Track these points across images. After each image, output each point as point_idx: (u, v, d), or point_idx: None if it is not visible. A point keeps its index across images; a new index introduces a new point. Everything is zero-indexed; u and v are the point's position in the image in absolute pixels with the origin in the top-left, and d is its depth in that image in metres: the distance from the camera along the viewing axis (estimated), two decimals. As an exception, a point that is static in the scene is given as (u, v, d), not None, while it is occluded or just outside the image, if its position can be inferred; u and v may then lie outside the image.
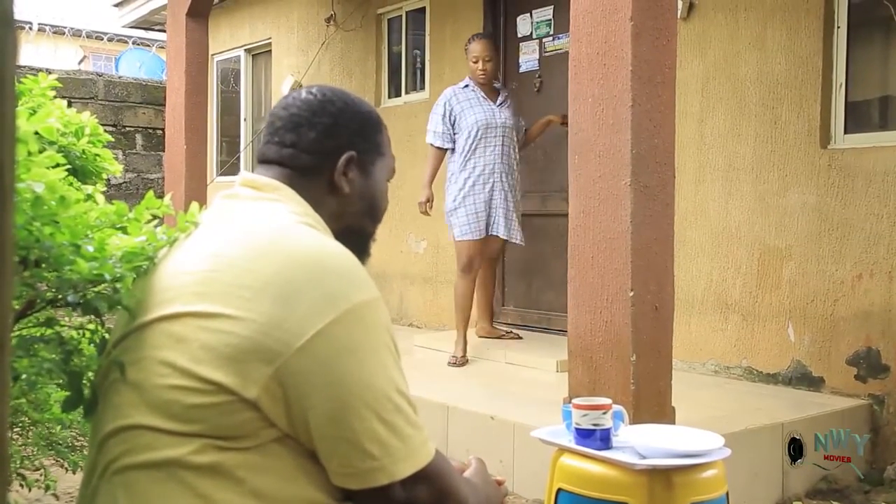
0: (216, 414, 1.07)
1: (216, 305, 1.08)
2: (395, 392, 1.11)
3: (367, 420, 1.08)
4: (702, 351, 4.16)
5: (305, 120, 1.32)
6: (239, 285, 1.09)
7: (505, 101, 4.54)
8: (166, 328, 1.10)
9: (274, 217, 1.22)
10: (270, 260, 1.11)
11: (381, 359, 1.11)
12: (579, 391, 2.60)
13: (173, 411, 1.07)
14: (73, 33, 15.95)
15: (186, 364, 1.07)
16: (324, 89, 1.37)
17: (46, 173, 1.01)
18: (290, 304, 1.07)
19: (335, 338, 1.08)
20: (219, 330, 1.07)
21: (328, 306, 1.08)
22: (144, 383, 1.10)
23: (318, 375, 1.07)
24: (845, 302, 3.66)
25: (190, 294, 1.11)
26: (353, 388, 1.08)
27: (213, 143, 7.69)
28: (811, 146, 3.80)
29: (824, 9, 3.77)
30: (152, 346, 1.11)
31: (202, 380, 1.06)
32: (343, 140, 1.33)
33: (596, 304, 2.60)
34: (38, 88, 1.69)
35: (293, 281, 1.09)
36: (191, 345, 1.08)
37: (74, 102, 7.13)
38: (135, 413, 1.10)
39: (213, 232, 1.21)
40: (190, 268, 1.14)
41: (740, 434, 2.99)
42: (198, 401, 1.06)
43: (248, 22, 7.59)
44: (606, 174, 2.57)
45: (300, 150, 1.31)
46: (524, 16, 5.20)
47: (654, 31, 2.55)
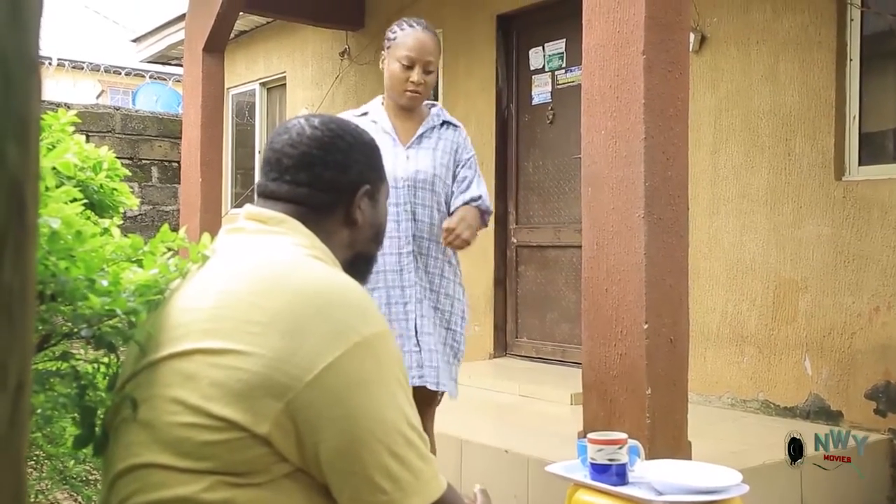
0: (228, 450, 1.06)
1: (225, 342, 1.08)
2: (405, 425, 1.11)
3: (378, 454, 1.08)
4: (718, 384, 4.12)
5: (318, 159, 1.31)
6: (247, 321, 1.08)
7: (428, 134, 2.72)
8: (176, 366, 1.10)
9: (280, 251, 1.22)
10: (278, 294, 1.10)
11: (392, 392, 1.11)
12: (594, 425, 2.58)
13: (185, 449, 1.07)
14: (91, 68, 16.19)
15: (197, 401, 1.07)
16: (326, 122, 1.36)
17: (63, 208, 1.02)
18: (298, 338, 1.07)
19: (345, 371, 1.07)
20: (228, 366, 1.06)
21: (337, 340, 1.08)
22: (155, 421, 1.09)
23: (329, 409, 1.07)
24: (863, 335, 3.63)
25: (199, 331, 1.11)
26: (364, 421, 1.07)
27: (227, 175, 7.75)
28: (825, 178, 3.79)
29: (836, 42, 3.78)
30: (163, 384, 1.10)
31: (213, 417, 1.06)
32: (355, 174, 1.34)
33: (610, 337, 2.59)
34: (58, 124, 1.72)
35: (301, 315, 1.09)
36: (201, 382, 1.07)
37: (92, 136, 7.22)
38: (146, 452, 1.10)
39: (219, 267, 1.20)
40: (198, 304, 1.14)
41: (758, 469, 2.95)
42: (209, 438, 1.06)
43: (263, 56, 7.69)
44: (620, 206, 2.56)
45: (317, 189, 1.31)
46: (536, 49, 5.24)
47: (666, 64, 2.56)
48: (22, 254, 0.55)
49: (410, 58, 2.63)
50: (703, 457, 2.37)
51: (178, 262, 1.20)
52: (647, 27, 2.51)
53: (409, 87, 2.64)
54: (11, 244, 0.54)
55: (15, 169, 0.54)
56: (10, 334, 0.55)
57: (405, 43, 2.65)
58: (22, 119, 0.55)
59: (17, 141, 0.54)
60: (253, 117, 7.97)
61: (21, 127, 0.55)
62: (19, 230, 0.55)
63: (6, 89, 0.54)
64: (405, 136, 2.70)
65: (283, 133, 1.35)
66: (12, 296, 0.55)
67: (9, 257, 0.54)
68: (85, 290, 1.03)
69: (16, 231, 0.55)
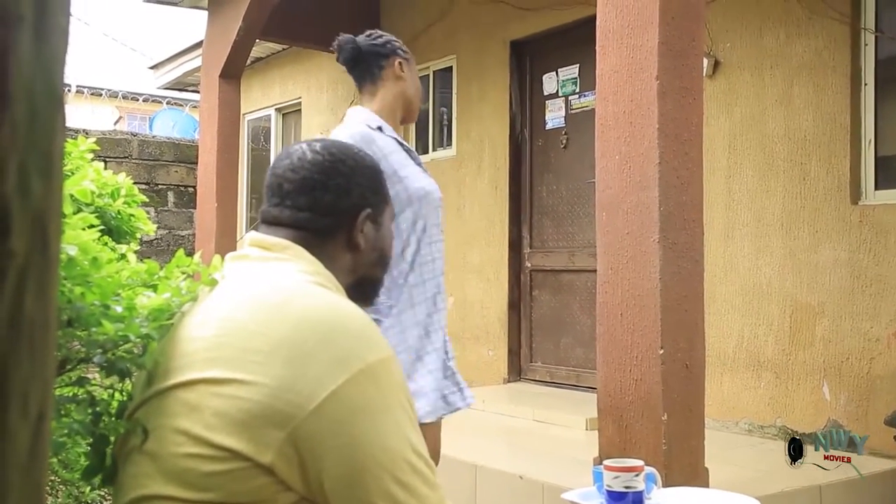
0: (231, 480, 1.05)
1: (227, 371, 1.07)
2: (411, 452, 1.10)
3: (384, 481, 1.07)
4: (735, 409, 4.09)
5: (319, 183, 1.31)
6: (249, 349, 1.08)
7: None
8: (180, 396, 1.10)
9: (284, 278, 1.21)
10: (280, 322, 1.10)
11: (397, 418, 1.10)
12: (610, 451, 2.56)
13: (189, 480, 1.06)
14: (109, 95, 16.38)
15: (200, 432, 1.06)
16: (328, 147, 1.36)
17: (80, 235, 1.03)
18: (301, 366, 1.06)
19: (349, 398, 1.06)
20: (230, 395, 1.06)
21: (341, 367, 1.07)
22: (161, 452, 1.09)
23: (333, 437, 1.05)
24: (882, 360, 3.59)
25: (201, 360, 1.10)
26: (369, 449, 1.06)
27: (243, 200, 7.80)
28: (841, 202, 3.77)
29: (851, 66, 3.78)
30: (168, 414, 1.10)
31: (216, 447, 1.05)
32: (357, 198, 1.34)
33: (626, 362, 2.57)
34: (77, 151, 1.74)
35: (304, 343, 1.07)
36: (204, 412, 1.07)
37: (110, 162, 7.30)
38: (151, 483, 1.09)
39: (223, 295, 1.20)
40: (202, 333, 1.13)
41: (776, 497, 2.92)
42: (213, 468, 1.05)
43: (278, 82, 7.76)
44: (634, 231, 2.56)
45: (318, 214, 1.30)
46: (550, 74, 5.27)
47: (680, 89, 2.57)
48: (44, 285, 0.56)
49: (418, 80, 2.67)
50: (720, 484, 2.34)
51: (189, 284, 1.20)
52: (661, 53, 2.52)
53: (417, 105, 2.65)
54: (34, 276, 0.55)
55: (39, 202, 0.55)
56: (31, 365, 0.55)
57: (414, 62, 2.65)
58: (46, 153, 0.56)
59: (42, 175, 0.55)
60: (268, 142, 8.03)
61: (45, 161, 0.56)
62: (42, 262, 0.56)
63: (31, 124, 0.55)
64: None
65: (285, 158, 1.35)
66: (34, 327, 0.55)
67: (31, 289, 0.55)
68: (100, 315, 1.04)
69: (39, 263, 0.55)
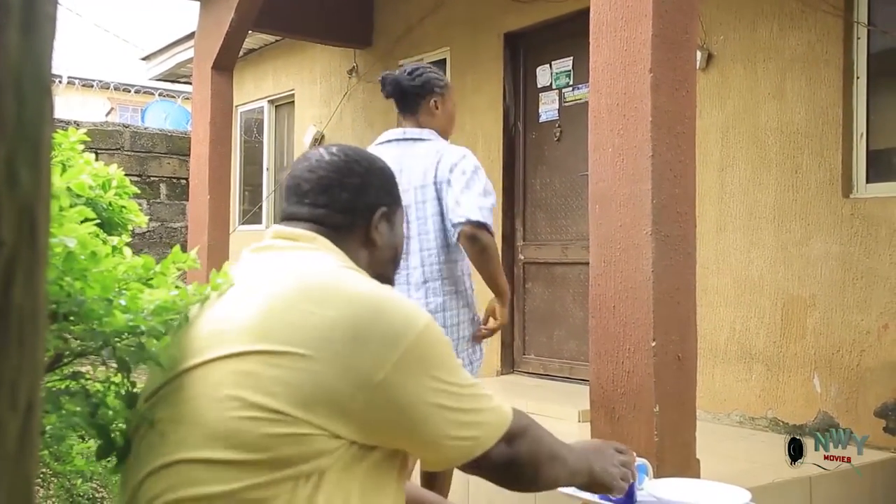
0: (288, 442, 1.11)
1: (283, 345, 1.13)
2: (464, 385, 1.23)
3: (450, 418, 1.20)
4: (726, 402, 4.10)
5: (336, 181, 1.39)
6: (304, 326, 1.14)
7: None
8: (229, 367, 1.14)
9: (321, 262, 1.29)
10: (331, 302, 1.17)
11: (448, 366, 1.22)
12: (602, 443, 2.57)
13: (242, 441, 1.10)
14: (101, 86, 16.32)
15: (260, 398, 1.11)
16: (344, 149, 1.45)
17: (77, 228, 1.03)
18: (360, 345, 1.14)
19: (408, 367, 1.16)
20: (291, 367, 1.12)
21: (397, 340, 1.16)
22: (201, 418, 1.13)
23: (399, 403, 1.16)
24: (872, 352, 3.61)
25: (249, 335, 1.15)
26: (432, 400, 1.18)
27: (235, 192, 7.78)
28: (833, 195, 3.78)
29: (843, 59, 3.79)
30: (212, 383, 1.14)
31: (276, 412, 1.10)
32: (372, 197, 1.42)
33: (618, 355, 2.58)
34: (68, 142, 1.73)
35: (359, 321, 1.16)
36: (262, 380, 1.12)
37: (101, 153, 7.27)
38: (183, 449, 1.13)
39: (258, 279, 1.25)
40: (243, 313, 1.18)
41: (767, 488, 2.93)
42: (271, 430, 1.10)
43: (271, 74, 7.74)
44: (627, 224, 2.56)
45: (334, 210, 1.38)
46: (544, 66, 5.26)
47: (673, 82, 2.57)
48: (33, 276, 0.56)
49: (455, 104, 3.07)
50: (711, 475, 2.36)
51: (196, 286, 1.21)
52: (655, 45, 2.52)
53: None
54: (23, 266, 0.55)
55: (27, 191, 0.55)
56: (20, 355, 0.55)
57: (453, 92, 3.05)
58: (34, 142, 0.56)
59: (30, 164, 0.55)
60: (261, 135, 8.01)
61: (33, 150, 0.56)
62: (31, 252, 0.55)
63: (19, 112, 0.55)
64: None
65: (303, 161, 1.43)
66: (23, 317, 0.55)
67: (20, 279, 0.54)
68: (102, 309, 1.04)
69: (27, 253, 0.55)
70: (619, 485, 1.51)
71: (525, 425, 1.34)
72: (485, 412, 1.26)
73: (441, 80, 2.96)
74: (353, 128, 6.71)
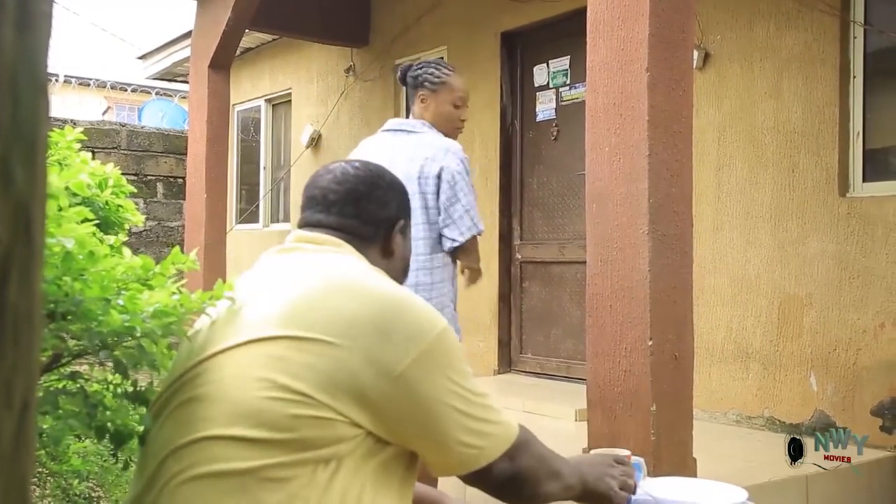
0: (311, 425, 1.16)
1: (312, 332, 1.19)
2: (476, 394, 1.28)
3: (460, 422, 1.25)
4: (723, 400, 4.11)
5: (364, 194, 1.47)
6: (333, 318, 1.21)
7: None
8: (261, 349, 1.20)
9: (348, 263, 1.37)
10: (358, 297, 1.25)
11: (463, 371, 1.28)
12: (599, 441, 2.57)
13: (269, 419, 1.15)
14: (98, 85, 16.29)
15: (287, 380, 1.16)
16: (366, 164, 1.54)
17: (76, 228, 1.02)
18: (385, 338, 1.21)
19: (426, 363, 1.23)
20: (319, 353, 1.18)
21: (418, 337, 1.23)
22: (229, 396, 1.18)
23: (415, 397, 1.21)
24: (868, 351, 3.62)
25: (281, 321, 1.21)
26: (446, 399, 1.24)
27: (232, 191, 7.77)
28: (830, 194, 3.79)
29: (840, 59, 3.79)
30: (243, 364, 1.20)
31: (302, 394, 1.16)
32: (393, 210, 1.51)
33: (615, 354, 2.58)
34: (64, 141, 1.72)
35: (385, 317, 1.23)
36: (291, 364, 1.18)
37: (98, 152, 7.26)
38: (211, 426, 1.17)
39: (287, 273, 1.33)
40: (272, 304, 1.25)
41: (764, 486, 2.94)
42: (297, 412, 1.15)
43: (268, 73, 7.73)
44: (624, 223, 2.57)
45: (362, 221, 1.46)
46: (541, 66, 5.27)
47: (670, 81, 2.57)
48: (28, 274, 0.55)
49: (463, 98, 2.93)
50: (708, 474, 2.36)
51: (200, 294, 1.21)
52: (651, 45, 2.52)
53: (460, 125, 2.94)
54: (17, 265, 0.55)
55: (22, 190, 0.55)
56: (15, 354, 0.55)
57: (458, 85, 2.93)
58: (30, 140, 0.56)
59: (25, 162, 0.55)
60: (258, 134, 8.00)
61: (29, 148, 0.56)
62: (26, 251, 0.55)
63: (14, 111, 0.55)
64: None
65: (327, 174, 1.50)
66: (18, 316, 0.55)
67: (14, 278, 0.54)
68: (100, 310, 1.03)
69: (22, 252, 0.55)
70: (617, 494, 1.51)
71: (527, 440, 1.37)
72: (493, 424, 1.30)
73: (436, 77, 2.91)
74: (349, 127, 6.71)
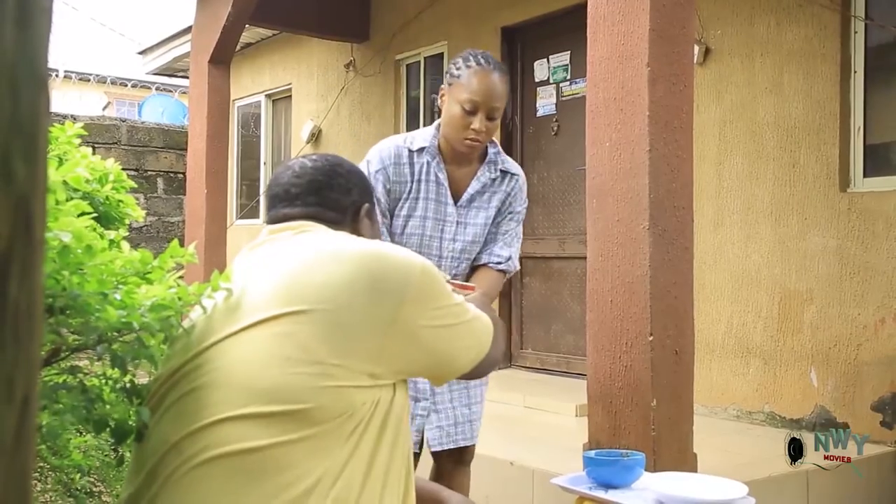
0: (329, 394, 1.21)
1: (309, 304, 1.25)
2: (458, 304, 1.42)
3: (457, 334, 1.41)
4: (723, 396, 4.11)
5: (324, 183, 1.52)
6: (326, 283, 1.27)
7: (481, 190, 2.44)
8: (265, 331, 1.24)
9: (330, 234, 1.43)
10: (347, 263, 1.31)
11: (445, 293, 1.40)
12: (599, 436, 2.57)
13: (284, 394, 1.19)
14: (98, 80, 16.28)
15: (299, 353, 1.21)
16: (323, 155, 1.59)
17: (73, 222, 1.02)
18: (376, 291, 1.29)
19: (417, 302, 1.32)
20: (322, 321, 1.24)
21: (404, 282, 1.32)
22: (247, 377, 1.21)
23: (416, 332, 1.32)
24: (869, 346, 3.62)
25: (278, 301, 1.26)
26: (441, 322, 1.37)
27: (233, 186, 7.77)
28: (830, 189, 3.78)
29: (841, 54, 3.79)
30: (252, 347, 1.23)
31: (318, 363, 1.21)
32: (356, 196, 1.56)
33: (615, 349, 2.58)
34: (64, 136, 1.72)
35: (371, 273, 1.30)
36: (298, 337, 1.22)
37: (98, 147, 7.25)
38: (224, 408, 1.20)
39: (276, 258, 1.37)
40: (266, 285, 1.30)
41: (764, 482, 2.94)
42: (313, 383, 1.20)
43: (268, 68, 7.72)
44: (624, 218, 2.56)
45: (326, 208, 1.50)
46: (541, 61, 5.26)
47: (670, 76, 2.57)
48: (29, 269, 0.55)
49: (474, 102, 2.26)
50: (708, 469, 2.36)
51: (197, 286, 1.21)
52: (652, 40, 2.51)
53: (468, 136, 2.28)
54: (18, 260, 0.55)
55: (23, 185, 0.55)
56: (16, 349, 0.55)
57: (470, 84, 2.27)
58: (30, 135, 0.56)
59: (25, 157, 0.55)
60: (258, 129, 8.00)
61: (29, 143, 0.56)
62: (26, 246, 0.55)
63: (15, 106, 0.54)
64: (457, 186, 2.40)
65: (286, 171, 1.55)
66: (18, 311, 0.55)
67: (15, 273, 0.54)
68: (97, 304, 1.03)
69: (23, 247, 0.55)
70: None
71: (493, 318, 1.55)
72: (473, 321, 1.46)
73: (456, 69, 2.33)
74: (349, 122, 6.70)
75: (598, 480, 1.96)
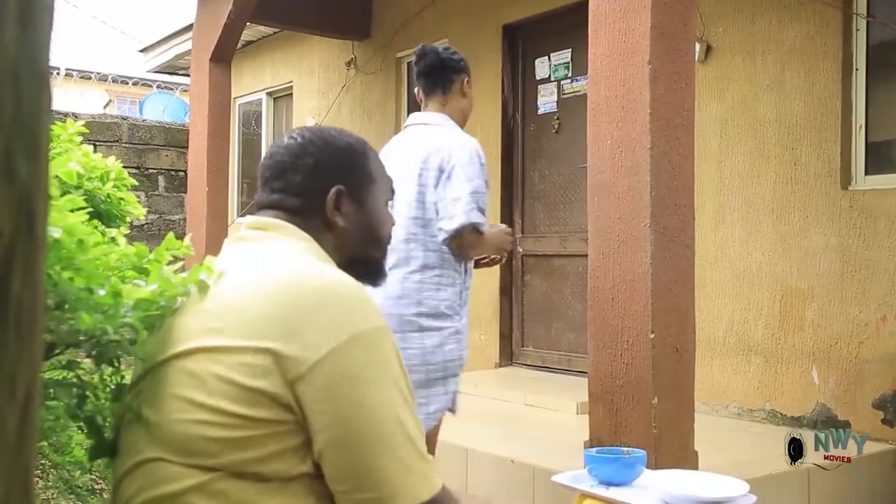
0: (235, 447, 1.08)
1: (228, 340, 1.11)
2: (397, 423, 1.11)
3: (371, 449, 1.10)
4: (724, 394, 4.11)
5: (289, 165, 1.35)
6: (247, 320, 1.12)
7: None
8: (180, 365, 1.13)
9: (279, 256, 1.26)
10: (280, 294, 1.14)
11: (385, 389, 1.12)
12: (600, 434, 2.58)
13: (194, 447, 1.09)
14: (99, 78, 16.29)
15: (204, 399, 1.09)
16: (304, 132, 1.40)
17: (66, 217, 1.02)
18: (298, 334, 1.09)
19: (339, 364, 1.09)
20: (232, 363, 1.09)
21: (332, 333, 1.10)
22: (162, 420, 1.12)
23: (323, 403, 1.09)
24: (870, 344, 3.62)
25: (200, 331, 1.14)
26: (357, 415, 1.09)
27: (234, 184, 7.77)
28: (832, 187, 3.78)
29: (842, 51, 3.78)
30: (169, 383, 1.13)
31: (220, 412, 1.08)
32: (328, 178, 1.35)
33: (616, 347, 2.58)
34: (66, 134, 1.72)
35: (302, 311, 1.11)
36: (205, 380, 1.10)
37: (99, 145, 7.25)
38: (148, 448, 1.12)
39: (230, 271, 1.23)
40: (206, 307, 1.17)
41: (765, 479, 2.94)
42: (219, 434, 1.08)
43: (269, 66, 7.72)
44: (626, 216, 2.56)
45: (289, 194, 1.34)
46: (542, 58, 5.25)
47: (672, 74, 2.57)
48: (31, 267, 0.56)
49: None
50: (709, 467, 2.36)
51: (181, 279, 1.20)
52: (653, 37, 2.51)
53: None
54: (21, 257, 0.55)
55: (25, 183, 0.55)
56: (18, 346, 0.55)
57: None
58: (32, 133, 0.56)
59: (28, 155, 0.55)
60: (259, 127, 8.00)
61: (31, 141, 0.56)
62: (29, 243, 0.55)
63: (17, 103, 0.55)
64: None
65: (269, 149, 1.41)
66: (21, 308, 0.55)
67: (18, 270, 0.54)
68: (84, 301, 1.02)
69: (25, 244, 0.55)
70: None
71: None
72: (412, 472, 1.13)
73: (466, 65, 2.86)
74: (350, 119, 6.70)
75: (599, 478, 1.96)
